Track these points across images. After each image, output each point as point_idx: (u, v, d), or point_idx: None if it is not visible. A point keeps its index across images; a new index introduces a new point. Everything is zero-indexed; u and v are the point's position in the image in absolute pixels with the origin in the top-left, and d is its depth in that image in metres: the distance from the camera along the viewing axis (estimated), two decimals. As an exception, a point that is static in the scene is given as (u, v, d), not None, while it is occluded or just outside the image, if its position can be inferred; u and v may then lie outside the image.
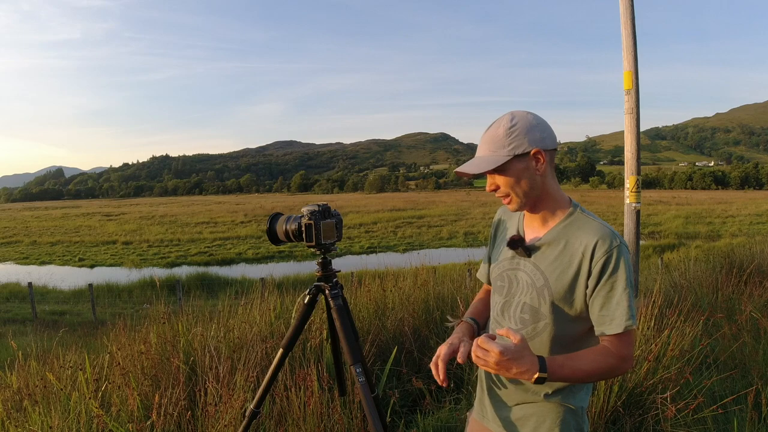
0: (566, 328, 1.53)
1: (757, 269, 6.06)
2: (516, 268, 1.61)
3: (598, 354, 1.46)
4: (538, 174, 1.51)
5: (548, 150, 1.51)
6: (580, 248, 1.48)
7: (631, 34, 4.90)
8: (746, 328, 4.25)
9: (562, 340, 1.54)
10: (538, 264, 1.55)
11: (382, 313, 4.46)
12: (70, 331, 9.93)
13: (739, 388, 3.35)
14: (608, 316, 1.45)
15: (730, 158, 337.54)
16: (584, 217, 1.54)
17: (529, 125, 1.49)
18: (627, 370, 1.51)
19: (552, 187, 1.55)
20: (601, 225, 1.50)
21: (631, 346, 1.47)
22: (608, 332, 1.45)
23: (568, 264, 1.50)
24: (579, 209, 1.57)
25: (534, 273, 1.56)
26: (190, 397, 3.11)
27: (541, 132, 1.50)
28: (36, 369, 4.06)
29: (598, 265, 1.45)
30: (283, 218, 2.03)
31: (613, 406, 3.03)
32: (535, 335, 1.55)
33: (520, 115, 1.51)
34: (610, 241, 1.45)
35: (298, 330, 2.06)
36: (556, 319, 1.52)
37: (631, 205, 5.02)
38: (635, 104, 4.93)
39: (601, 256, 1.45)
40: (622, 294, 1.43)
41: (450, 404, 3.46)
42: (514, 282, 1.61)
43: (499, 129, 1.51)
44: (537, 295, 1.54)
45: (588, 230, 1.49)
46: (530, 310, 1.56)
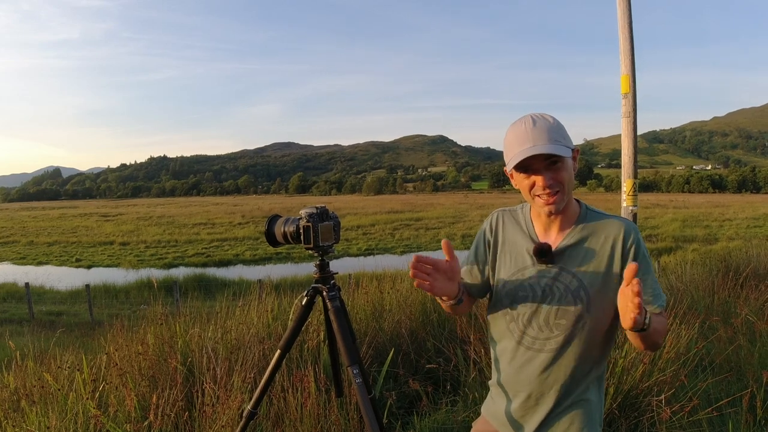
0: (603, 322, 1.56)
1: (753, 273, 6.09)
2: (542, 276, 1.58)
3: (662, 318, 1.53)
4: (574, 172, 1.53)
5: None
6: (608, 242, 1.53)
7: (629, 38, 4.92)
8: (742, 331, 4.27)
9: (598, 335, 1.57)
10: (567, 267, 1.55)
11: (380, 315, 4.47)
12: (67, 332, 9.92)
13: (734, 391, 3.37)
14: (653, 293, 1.52)
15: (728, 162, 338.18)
16: (598, 214, 1.59)
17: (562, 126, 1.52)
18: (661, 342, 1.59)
19: (573, 188, 1.57)
20: (616, 217, 1.58)
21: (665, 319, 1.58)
22: (659, 306, 1.52)
23: (599, 260, 1.53)
24: (590, 209, 1.61)
25: (565, 277, 1.55)
26: (187, 397, 3.12)
27: None
28: (33, 369, 4.06)
29: (632, 251, 1.51)
30: (281, 220, 2.04)
31: (609, 408, 3.04)
32: (574, 337, 1.55)
33: (551, 117, 1.50)
34: (634, 230, 1.53)
35: (296, 331, 2.07)
36: (596, 316, 1.54)
37: (628, 208, 5.03)
38: (632, 108, 4.95)
39: (632, 243, 1.52)
40: (652, 276, 1.53)
41: (446, 406, 3.46)
42: (544, 290, 1.58)
43: (552, 122, 1.47)
44: (573, 298, 1.54)
45: (608, 224, 1.56)
46: (567, 314, 1.55)
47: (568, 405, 1.59)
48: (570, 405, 1.59)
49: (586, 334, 1.55)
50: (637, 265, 1.27)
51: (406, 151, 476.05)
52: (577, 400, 1.59)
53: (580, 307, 1.53)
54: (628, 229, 1.52)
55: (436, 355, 3.93)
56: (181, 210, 75.01)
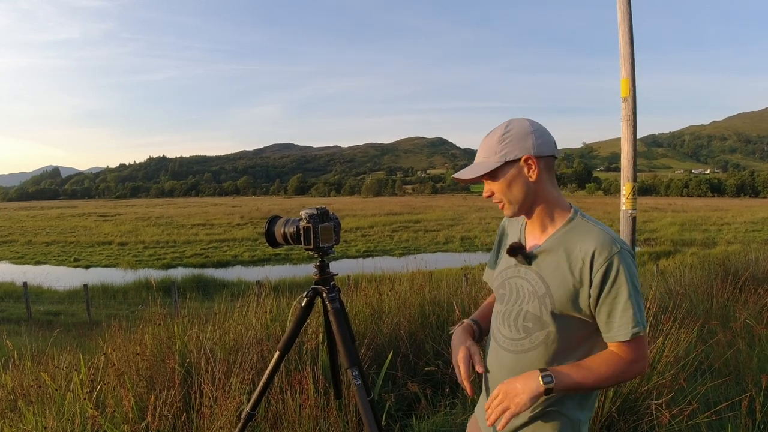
0: (570, 335, 1.52)
1: (752, 277, 6.08)
2: (517, 276, 1.60)
3: (606, 359, 1.46)
4: (531, 181, 1.51)
5: (543, 156, 1.51)
6: (580, 255, 1.46)
7: (629, 42, 4.93)
8: (741, 335, 4.27)
9: (567, 347, 1.52)
10: (539, 272, 1.54)
11: (378, 317, 4.46)
12: (65, 332, 9.89)
13: (733, 395, 3.36)
14: (615, 324, 1.44)
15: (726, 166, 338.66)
16: (585, 223, 1.52)
17: (524, 132, 1.50)
18: (642, 372, 1.52)
19: (550, 194, 1.54)
20: (600, 231, 1.48)
21: (641, 350, 1.47)
22: (615, 340, 1.45)
23: (569, 272, 1.48)
24: (579, 215, 1.55)
25: (535, 281, 1.54)
26: (185, 398, 3.11)
27: (535, 139, 1.50)
28: (30, 369, 4.05)
29: (599, 274, 1.43)
30: (281, 221, 2.04)
31: (608, 411, 3.04)
32: (539, 343, 1.53)
33: (516, 122, 1.53)
34: (610, 248, 1.43)
35: (295, 332, 2.07)
36: (560, 326, 1.51)
37: (627, 211, 5.03)
38: (632, 112, 4.95)
39: (601, 265, 1.43)
40: (626, 302, 1.42)
41: (445, 408, 3.46)
42: (516, 290, 1.60)
43: (494, 136, 1.53)
44: (539, 304, 1.52)
45: (587, 237, 1.48)
46: (533, 319, 1.54)
47: (538, 415, 1.54)
48: (541, 416, 1.54)
49: (552, 343, 1.52)
50: None
51: (405, 153, 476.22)
52: (549, 412, 1.54)
53: (544, 313, 1.52)
54: (602, 249, 1.43)
55: (435, 357, 3.93)
56: (180, 210, 74.97)
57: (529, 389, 1.40)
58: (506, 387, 1.44)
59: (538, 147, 1.50)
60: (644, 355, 1.48)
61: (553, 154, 1.54)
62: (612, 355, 1.46)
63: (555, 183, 1.57)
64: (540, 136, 1.51)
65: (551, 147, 1.53)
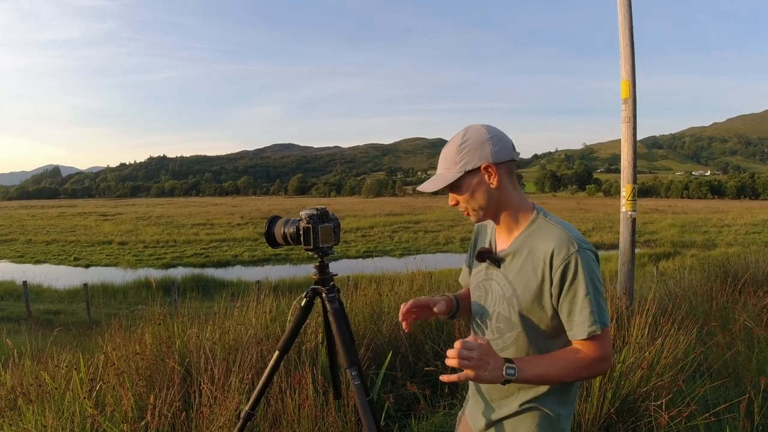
0: (539, 335, 1.55)
1: (751, 279, 6.09)
2: (490, 278, 1.65)
3: (570, 354, 1.49)
4: (493, 187, 1.54)
5: (502, 163, 1.53)
6: (541, 256, 1.49)
7: (629, 44, 4.93)
8: (740, 337, 4.27)
9: (537, 347, 1.56)
10: (506, 274, 1.58)
11: (378, 317, 4.47)
12: (65, 331, 9.89)
13: (731, 397, 3.37)
14: (574, 322, 1.47)
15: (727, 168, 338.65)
16: (546, 224, 1.54)
17: (479, 140, 1.53)
18: (604, 370, 1.53)
19: (512, 198, 1.58)
20: (560, 230, 1.50)
21: (603, 348, 1.48)
22: (575, 338, 1.48)
23: (533, 272, 1.51)
24: (542, 215, 1.58)
25: (503, 283, 1.59)
26: (184, 398, 3.11)
27: (493, 146, 1.52)
28: (30, 368, 4.05)
29: (557, 274, 1.46)
30: (281, 221, 2.04)
31: (607, 413, 3.04)
32: (511, 344, 1.58)
33: (472, 131, 1.55)
34: (567, 248, 1.46)
35: (295, 332, 2.07)
36: (528, 327, 1.55)
37: (627, 213, 5.04)
38: (632, 113, 4.96)
39: (559, 264, 1.45)
40: (584, 300, 1.45)
41: (444, 409, 3.46)
42: (489, 292, 1.65)
43: (452, 146, 1.56)
44: (507, 305, 1.57)
45: (548, 237, 1.50)
46: (504, 320, 1.59)
47: (519, 410, 1.59)
48: (521, 410, 1.58)
49: (523, 343, 1.57)
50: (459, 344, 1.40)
51: (405, 153, 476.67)
52: (530, 407, 1.58)
53: (513, 314, 1.56)
54: (559, 249, 1.46)
55: (435, 358, 3.93)
56: (180, 210, 74.98)
57: (493, 374, 1.42)
58: (483, 354, 1.41)
59: (496, 153, 1.52)
60: (606, 354, 1.49)
61: (512, 158, 1.57)
62: (576, 352, 1.49)
63: (516, 185, 1.61)
64: (497, 143, 1.53)
65: (509, 151, 1.55)
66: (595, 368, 1.49)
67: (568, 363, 1.47)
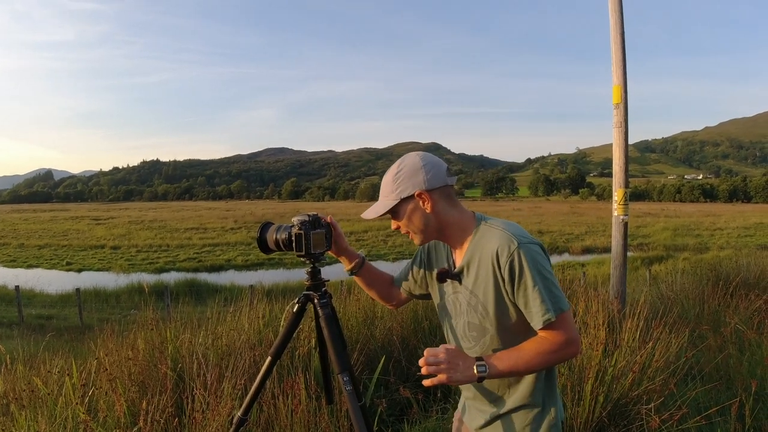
0: (511, 333, 1.63)
1: (743, 282, 6.13)
2: (456, 292, 1.73)
3: (536, 344, 1.54)
4: (429, 212, 1.64)
5: (435, 189, 1.63)
6: (489, 259, 1.56)
7: (621, 49, 4.98)
8: (731, 340, 4.30)
9: (514, 344, 1.61)
10: (467, 285, 1.66)
11: (371, 322, 4.47)
12: (57, 336, 9.84)
13: (723, 400, 3.39)
14: (531, 314, 1.54)
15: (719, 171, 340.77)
16: (488, 228, 1.63)
17: (413, 169, 1.64)
18: (573, 353, 1.57)
19: (451, 217, 1.66)
20: (500, 231, 1.58)
21: (566, 332, 1.53)
22: (536, 328, 1.55)
23: (487, 277, 1.59)
24: (483, 222, 1.66)
25: (467, 295, 1.67)
26: (177, 404, 3.10)
27: (425, 173, 1.62)
28: (23, 373, 4.03)
29: (506, 271, 1.53)
30: (273, 227, 2.04)
31: (598, 416, 3.05)
32: (488, 347, 1.66)
33: (407, 161, 1.67)
34: (508, 246, 1.53)
35: (287, 338, 2.08)
36: (499, 328, 1.62)
37: (619, 217, 5.07)
38: (624, 118, 5.00)
39: (504, 262, 1.53)
40: (533, 291, 1.51)
41: (437, 414, 3.47)
42: (456, 305, 1.73)
43: (389, 176, 1.68)
44: (475, 313, 1.65)
45: (491, 240, 1.58)
46: (475, 327, 1.67)
47: (512, 409, 1.67)
48: (514, 408, 1.67)
49: (498, 344, 1.64)
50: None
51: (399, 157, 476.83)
52: (524, 405, 1.66)
53: (482, 320, 1.64)
54: (502, 248, 1.54)
55: (428, 362, 3.93)
56: (173, 214, 74.70)
57: (465, 375, 1.51)
58: (451, 357, 1.51)
59: (429, 181, 1.62)
60: (572, 338, 1.54)
61: (445, 183, 1.66)
62: (542, 340, 1.54)
63: (456, 203, 1.69)
64: (430, 170, 1.63)
65: (442, 178, 1.65)
66: (563, 352, 1.54)
67: (535, 352, 1.53)
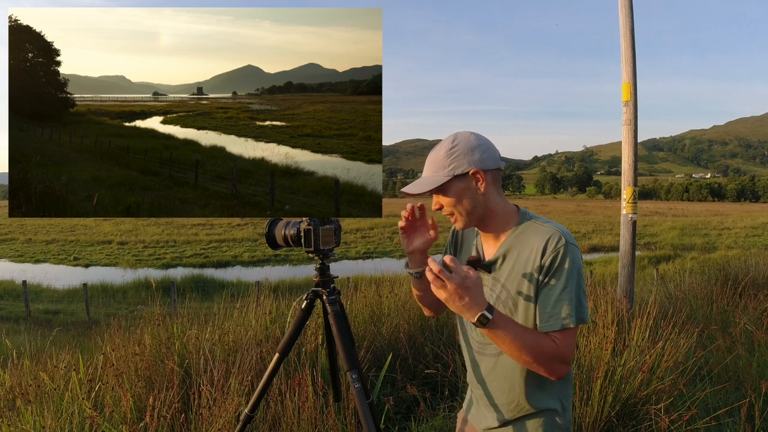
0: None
1: (751, 282, 6.08)
2: (483, 284, 1.62)
3: (543, 338, 1.47)
4: (480, 193, 1.55)
5: (489, 170, 1.55)
6: (532, 251, 1.51)
7: (631, 47, 4.94)
8: (740, 341, 4.27)
9: None
10: (498, 278, 1.59)
11: (378, 319, 4.46)
12: (64, 331, 9.90)
13: (732, 401, 3.36)
14: (547, 313, 1.48)
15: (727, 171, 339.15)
16: (535, 224, 1.57)
17: (470, 146, 1.55)
18: (561, 373, 1.50)
19: (497, 204, 1.59)
20: (552, 228, 1.53)
21: (569, 348, 1.47)
22: (546, 329, 1.47)
23: (523, 269, 1.53)
24: (528, 217, 1.60)
25: (497, 287, 1.59)
26: (184, 400, 3.10)
27: (482, 153, 1.54)
28: (29, 368, 4.04)
29: (548, 260, 1.48)
30: (281, 223, 2.03)
31: (607, 416, 3.03)
32: None
33: (462, 137, 1.57)
34: (558, 239, 1.48)
35: (295, 335, 2.07)
36: (529, 326, 1.54)
37: (628, 215, 5.04)
38: (633, 116, 4.96)
39: (550, 253, 1.48)
40: (564, 291, 1.46)
41: (444, 412, 3.46)
42: None
43: (441, 150, 1.57)
44: (504, 308, 1.56)
45: (538, 233, 1.53)
46: None
47: (525, 414, 1.60)
48: (528, 415, 1.60)
49: None
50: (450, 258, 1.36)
51: (405, 155, 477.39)
52: (541, 409, 1.59)
53: (510, 316, 1.54)
54: (550, 241, 1.49)
55: (434, 360, 3.92)
56: (180, 210, 74.75)
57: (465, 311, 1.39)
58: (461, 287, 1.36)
59: (484, 161, 1.54)
60: (567, 355, 1.47)
61: (498, 166, 1.59)
62: (547, 339, 1.47)
63: (501, 192, 1.62)
64: (485, 150, 1.56)
65: (496, 160, 1.58)
66: (552, 364, 1.46)
67: (535, 342, 1.44)
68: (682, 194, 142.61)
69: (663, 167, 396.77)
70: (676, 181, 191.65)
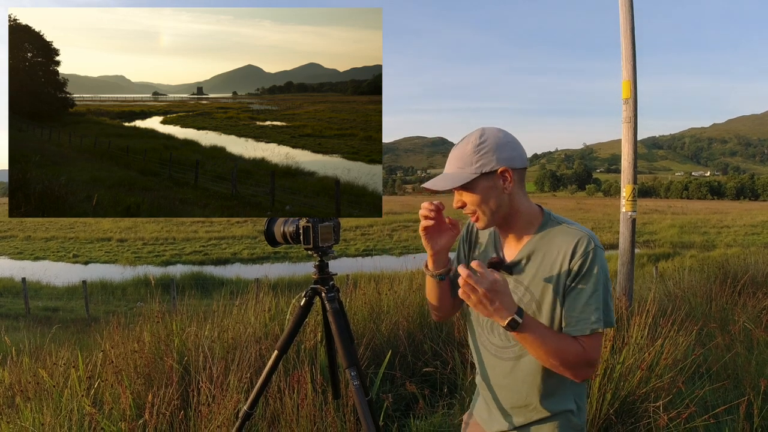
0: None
1: (751, 280, 6.08)
2: None
3: (571, 342, 1.44)
4: (506, 192, 1.50)
5: (516, 169, 1.50)
6: (560, 254, 1.48)
7: (631, 44, 4.93)
8: (739, 339, 4.27)
9: None
10: (521, 280, 1.55)
11: (377, 316, 4.46)
12: (63, 328, 9.90)
13: (731, 399, 3.37)
14: (575, 317, 1.45)
15: (726, 169, 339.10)
16: (562, 226, 1.53)
17: (499, 143, 1.48)
18: (586, 376, 1.49)
19: (522, 204, 1.54)
20: (578, 229, 1.51)
21: (596, 352, 1.45)
22: (574, 333, 1.45)
23: (549, 272, 1.49)
24: (552, 218, 1.56)
25: (519, 290, 1.55)
26: (183, 397, 3.10)
27: (510, 151, 1.49)
28: (28, 365, 4.05)
29: (576, 264, 1.45)
30: (280, 220, 2.03)
31: (606, 413, 3.03)
32: (525, 350, 1.53)
33: (490, 132, 1.50)
34: (587, 243, 1.46)
35: (294, 332, 2.07)
36: None
37: (627, 213, 5.04)
38: (633, 113, 4.96)
39: (580, 257, 1.45)
40: (593, 295, 1.44)
41: (443, 409, 3.46)
42: None
43: (467, 146, 1.50)
44: (527, 310, 1.50)
45: (566, 235, 1.50)
46: None
47: (541, 419, 1.58)
48: (550, 417, 1.57)
49: None
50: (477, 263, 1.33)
51: (405, 152, 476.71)
52: (558, 412, 1.57)
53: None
54: (579, 244, 1.46)
55: (434, 357, 3.92)
56: (180, 208, 74.73)
57: (495, 315, 1.37)
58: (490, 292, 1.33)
59: (512, 159, 1.49)
60: (595, 361, 1.46)
61: (525, 165, 1.54)
62: (574, 343, 1.45)
63: (525, 192, 1.57)
64: (514, 148, 1.50)
65: (523, 159, 1.53)
66: (578, 368, 1.45)
67: (563, 346, 1.43)
68: (682, 192, 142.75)
69: (663, 165, 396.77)
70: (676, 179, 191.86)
